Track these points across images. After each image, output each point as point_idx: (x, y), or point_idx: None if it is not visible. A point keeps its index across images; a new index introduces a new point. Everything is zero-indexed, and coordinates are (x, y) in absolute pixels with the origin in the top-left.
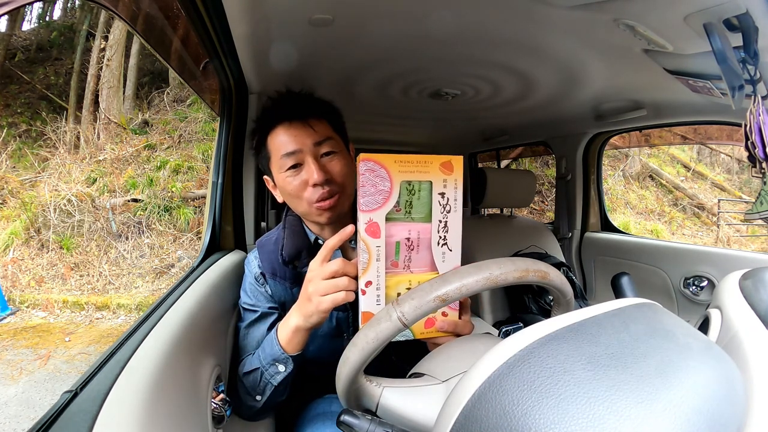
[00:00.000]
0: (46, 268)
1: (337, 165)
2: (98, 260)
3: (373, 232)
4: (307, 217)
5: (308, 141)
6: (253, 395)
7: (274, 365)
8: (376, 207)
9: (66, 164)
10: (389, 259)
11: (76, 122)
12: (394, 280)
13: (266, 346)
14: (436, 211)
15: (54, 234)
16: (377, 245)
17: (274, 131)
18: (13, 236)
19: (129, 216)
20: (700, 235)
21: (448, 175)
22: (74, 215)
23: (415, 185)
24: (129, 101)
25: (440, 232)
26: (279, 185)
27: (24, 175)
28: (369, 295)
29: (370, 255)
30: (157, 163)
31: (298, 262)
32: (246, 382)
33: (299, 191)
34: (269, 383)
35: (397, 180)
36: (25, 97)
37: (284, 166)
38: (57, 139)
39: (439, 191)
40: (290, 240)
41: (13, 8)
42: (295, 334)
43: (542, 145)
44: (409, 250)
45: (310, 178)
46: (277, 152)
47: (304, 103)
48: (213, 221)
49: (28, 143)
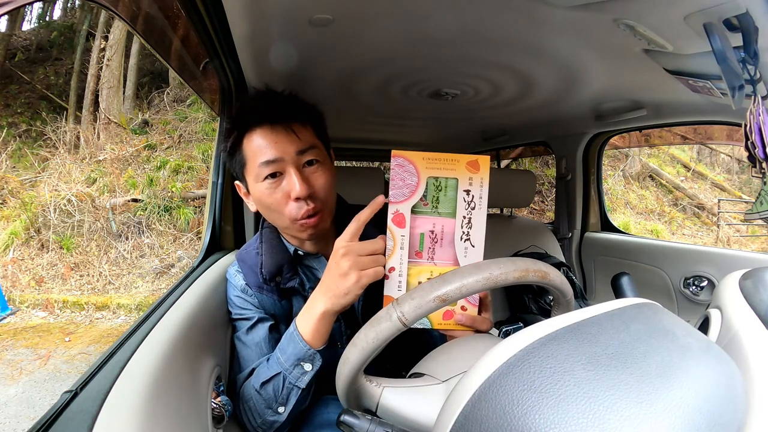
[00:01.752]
0: (46, 268)
1: (321, 177)
2: (98, 260)
3: (399, 222)
4: (287, 231)
5: (291, 149)
6: (275, 408)
7: (299, 366)
8: (402, 199)
9: (66, 164)
10: (414, 249)
11: (76, 122)
12: (416, 269)
13: (285, 346)
14: (461, 207)
15: (54, 234)
16: (402, 234)
17: (252, 134)
18: (13, 236)
19: (129, 216)
20: (700, 235)
21: (474, 174)
22: (74, 215)
23: (442, 181)
24: (129, 101)
25: (464, 228)
26: (255, 196)
27: (24, 175)
28: (392, 280)
29: (395, 243)
30: (157, 163)
31: (280, 277)
32: (264, 395)
33: (280, 205)
34: (294, 387)
35: (424, 176)
36: (25, 97)
37: (261, 175)
38: (57, 139)
39: (465, 188)
40: (268, 256)
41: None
42: (320, 322)
43: (542, 145)
44: (433, 242)
45: (292, 190)
46: (254, 159)
47: (287, 104)
48: (213, 221)
49: (28, 143)
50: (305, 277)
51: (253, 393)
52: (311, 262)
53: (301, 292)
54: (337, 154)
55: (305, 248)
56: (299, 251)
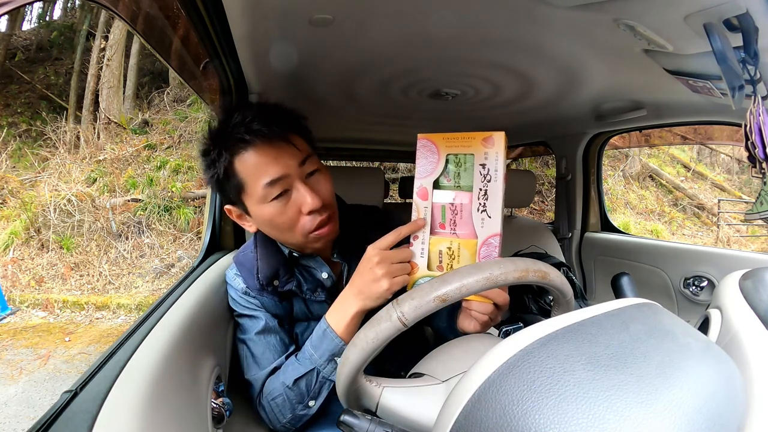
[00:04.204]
0: (46, 268)
1: (325, 184)
2: (98, 260)
3: (423, 195)
4: (299, 246)
5: (293, 162)
6: (306, 402)
7: (333, 361)
8: (426, 175)
9: (66, 164)
10: (437, 221)
11: (76, 122)
12: (438, 239)
13: (317, 343)
14: (477, 180)
15: (54, 234)
16: (425, 206)
17: (244, 153)
18: (13, 236)
19: (129, 216)
20: (700, 235)
21: (489, 149)
22: (74, 215)
23: (460, 158)
24: (129, 101)
25: (480, 200)
26: (260, 218)
27: (24, 175)
28: (415, 247)
29: (418, 213)
30: (157, 163)
31: (277, 281)
32: (296, 391)
33: (292, 223)
34: (327, 381)
35: (443, 153)
36: (25, 97)
37: (268, 197)
38: (57, 138)
39: (480, 162)
40: (264, 261)
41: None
42: (353, 320)
43: (542, 145)
44: (454, 214)
45: (304, 205)
46: (255, 180)
47: (278, 115)
48: (213, 221)
49: (28, 143)
50: (302, 278)
51: (282, 390)
52: (308, 262)
53: (300, 294)
54: (337, 154)
55: (302, 251)
56: (294, 253)
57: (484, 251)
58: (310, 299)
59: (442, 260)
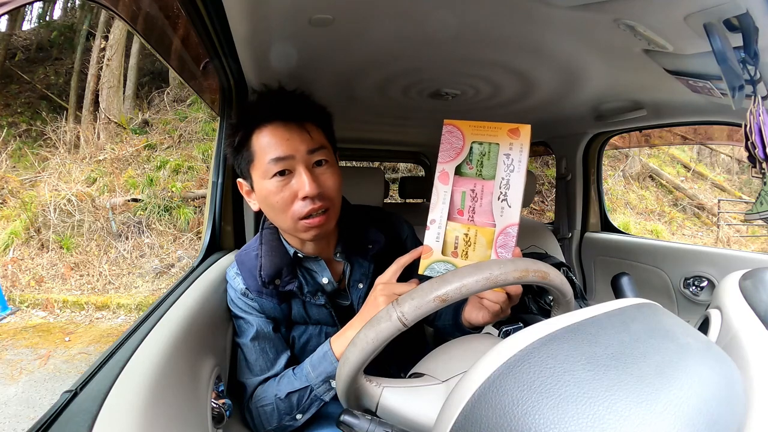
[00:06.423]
0: (46, 268)
1: (330, 178)
2: (98, 260)
3: (443, 180)
4: (289, 232)
5: (302, 147)
6: (293, 414)
7: (327, 382)
8: (448, 160)
9: (66, 164)
10: (455, 207)
11: (76, 122)
12: (454, 225)
13: (317, 364)
14: (500, 169)
15: (54, 234)
16: (444, 190)
17: (263, 130)
18: (13, 236)
19: (129, 216)
20: (700, 235)
21: (514, 140)
22: (74, 215)
23: (485, 146)
24: (129, 101)
25: (501, 188)
26: (260, 194)
27: (24, 174)
28: (431, 231)
29: (438, 197)
30: (157, 163)
31: (279, 280)
32: (287, 403)
33: (286, 204)
34: (319, 399)
35: (468, 140)
36: (25, 97)
37: (270, 172)
38: (57, 138)
39: (505, 152)
40: (268, 258)
41: (13, 8)
42: None
43: (542, 145)
44: (473, 201)
45: (301, 189)
46: (264, 155)
47: (301, 103)
48: (213, 221)
49: (28, 143)
50: (304, 280)
51: (273, 400)
52: (311, 264)
53: (299, 295)
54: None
55: (305, 250)
56: (299, 253)
57: (501, 239)
58: (310, 302)
59: (458, 246)
